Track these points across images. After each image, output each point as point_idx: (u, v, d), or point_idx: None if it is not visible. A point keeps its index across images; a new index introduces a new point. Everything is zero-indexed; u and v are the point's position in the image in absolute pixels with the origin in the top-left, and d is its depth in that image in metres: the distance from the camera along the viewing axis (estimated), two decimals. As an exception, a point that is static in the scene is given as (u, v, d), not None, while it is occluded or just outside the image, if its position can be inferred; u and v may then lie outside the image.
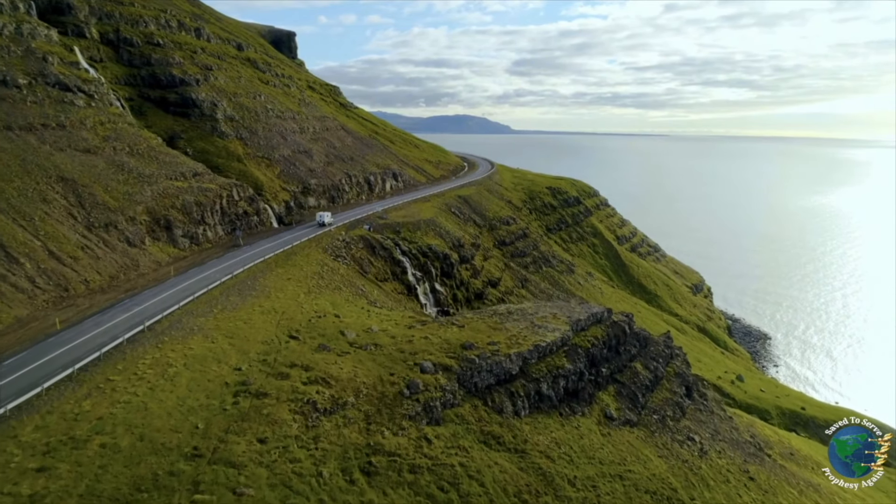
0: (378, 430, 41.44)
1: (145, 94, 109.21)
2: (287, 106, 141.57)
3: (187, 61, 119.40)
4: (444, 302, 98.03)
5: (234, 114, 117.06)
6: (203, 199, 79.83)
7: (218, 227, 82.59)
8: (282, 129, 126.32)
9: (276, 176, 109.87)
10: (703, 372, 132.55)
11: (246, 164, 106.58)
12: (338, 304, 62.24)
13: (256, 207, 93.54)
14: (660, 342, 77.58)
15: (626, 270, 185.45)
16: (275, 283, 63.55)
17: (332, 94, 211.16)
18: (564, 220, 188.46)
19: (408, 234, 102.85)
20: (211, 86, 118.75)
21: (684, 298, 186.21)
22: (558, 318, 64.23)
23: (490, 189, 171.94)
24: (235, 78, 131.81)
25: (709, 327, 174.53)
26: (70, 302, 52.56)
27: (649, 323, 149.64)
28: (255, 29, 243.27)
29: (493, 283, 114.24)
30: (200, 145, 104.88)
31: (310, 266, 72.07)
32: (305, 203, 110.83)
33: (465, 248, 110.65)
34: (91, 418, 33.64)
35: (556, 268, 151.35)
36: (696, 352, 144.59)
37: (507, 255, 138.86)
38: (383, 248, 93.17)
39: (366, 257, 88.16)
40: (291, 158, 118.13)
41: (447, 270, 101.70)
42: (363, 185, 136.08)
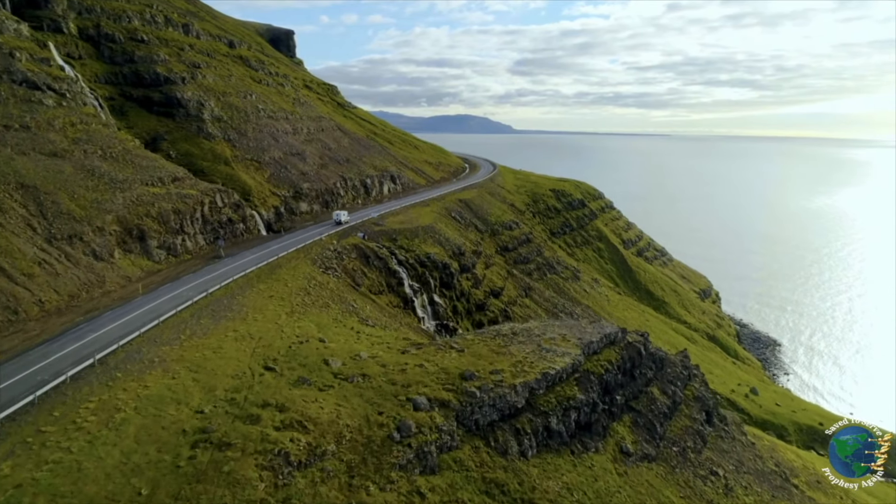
0: (362, 486, 35.27)
1: (127, 93, 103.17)
2: (280, 106, 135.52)
3: (173, 59, 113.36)
4: (443, 315, 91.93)
5: (223, 114, 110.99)
6: (182, 207, 73.71)
7: (199, 236, 76.50)
8: (273, 129, 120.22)
9: (266, 180, 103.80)
10: (715, 385, 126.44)
11: (233, 167, 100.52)
12: (324, 325, 56.11)
13: (242, 214, 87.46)
14: (677, 362, 71.44)
15: (633, 276, 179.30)
16: (254, 301, 57.45)
17: (329, 93, 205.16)
18: (569, 223, 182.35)
19: (405, 241, 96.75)
20: (198, 84, 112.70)
21: (693, 305, 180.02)
22: (568, 340, 58.06)
23: (492, 192, 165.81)
24: (225, 76, 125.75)
25: (719, 335, 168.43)
26: (18, 327, 46.42)
27: (659, 333, 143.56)
28: (253, 27, 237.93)
29: (495, 292, 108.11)
30: (185, 147, 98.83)
31: (295, 281, 65.96)
32: (297, 208, 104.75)
33: (466, 256, 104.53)
34: (7, 487, 27.51)
35: (561, 274, 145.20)
36: (708, 363, 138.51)
37: (509, 261, 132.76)
38: (378, 258, 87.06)
39: (359, 268, 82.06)
40: (283, 161, 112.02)
41: (447, 281, 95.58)
42: (359, 189, 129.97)
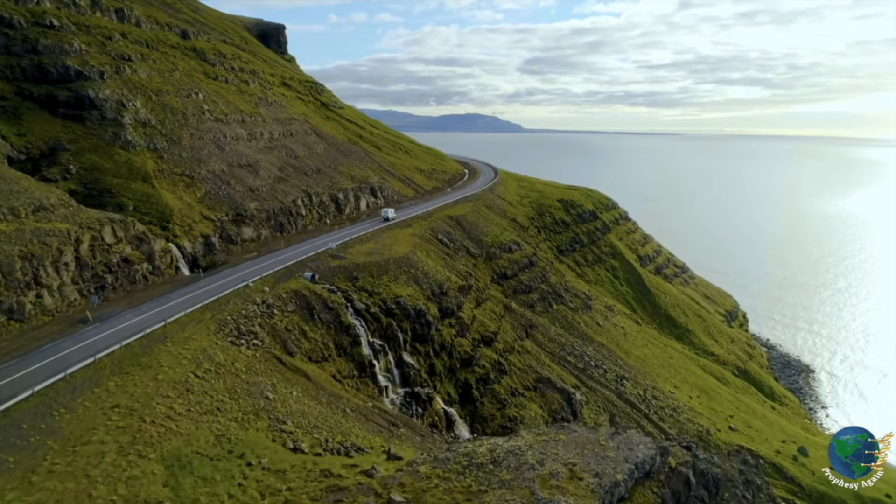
0: None
1: (26, 91, 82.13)
2: (236, 107, 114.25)
3: (94, 49, 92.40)
4: (414, 379, 70.29)
5: (151, 117, 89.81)
6: (38, 250, 52.48)
7: (69, 288, 55.24)
8: (219, 135, 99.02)
9: (198, 200, 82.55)
10: (757, 444, 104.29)
11: (154, 184, 79.36)
12: (185, 464, 34.67)
13: (148, 250, 66.14)
14: (736, 477, 49.52)
15: (652, 299, 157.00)
16: (80, 421, 36.15)
17: (312, 91, 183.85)
18: (579, 238, 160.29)
19: (369, 281, 75.21)
20: (123, 81, 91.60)
21: (720, 332, 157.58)
22: (579, 481, 36.45)
23: (490, 205, 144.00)
24: (167, 71, 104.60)
25: (751, 369, 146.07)
26: None
27: (685, 374, 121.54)
28: (240, 21, 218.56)
29: (486, 339, 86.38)
30: (91, 160, 77.76)
31: (176, 368, 44.58)
32: (238, 236, 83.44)
33: (450, 295, 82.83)
34: None
35: (570, 304, 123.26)
36: (745, 411, 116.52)
37: (508, 292, 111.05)
38: (327, 309, 65.56)
39: (296, 327, 60.64)
40: (225, 175, 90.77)
41: (421, 332, 73.95)
42: (328, 206, 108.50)
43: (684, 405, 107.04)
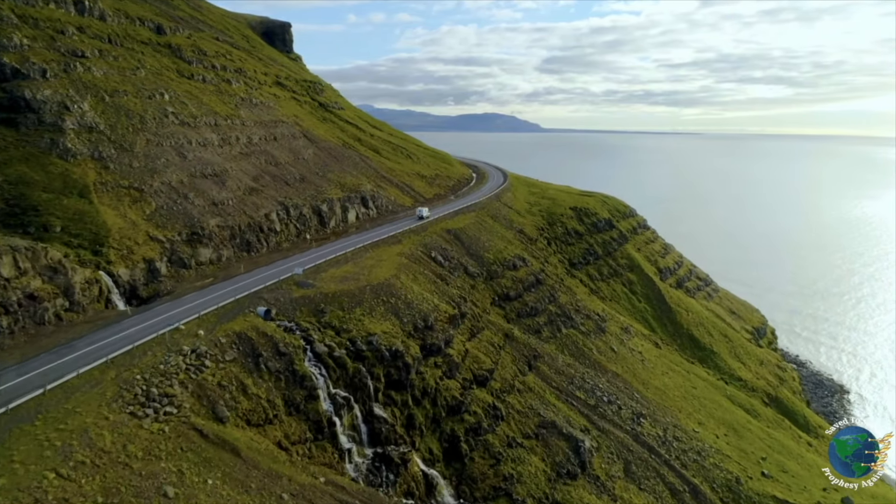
0: None
1: (-49, 93, 71.76)
2: (211, 108, 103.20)
3: (40, 44, 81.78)
4: (387, 436, 58.33)
5: (100, 121, 78.85)
6: None
7: (-57, 337, 44.25)
8: (182, 141, 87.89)
9: (146, 217, 71.36)
10: (794, 494, 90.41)
11: (93, 199, 68.34)
12: None
13: (65, 283, 54.94)
14: None
15: (673, 317, 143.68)
16: None
17: (310, 91, 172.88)
18: (593, 250, 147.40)
19: (337, 315, 63.44)
20: (71, 80, 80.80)
21: (747, 354, 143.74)
22: None
23: (496, 215, 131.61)
24: (130, 69, 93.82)
25: (782, 395, 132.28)
26: None
27: (711, 408, 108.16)
28: (245, 19, 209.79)
29: (480, 379, 74.13)
30: (20, 171, 66.91)
31: (32, 465, 33.03)
32: (193, 258, 72.08)
33: (436, 329, 70.71)
34: None
35: (581, 326, 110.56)
36: (777, 451, 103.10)
37: (510, 315, 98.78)
38: (278, 355, 53.88)
39: (234, 381, 49.03)
40: (184, 187, 79.58)
41: (398, 378, 62.01)
42: (309, 220, 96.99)
43: (710, 446, 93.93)
